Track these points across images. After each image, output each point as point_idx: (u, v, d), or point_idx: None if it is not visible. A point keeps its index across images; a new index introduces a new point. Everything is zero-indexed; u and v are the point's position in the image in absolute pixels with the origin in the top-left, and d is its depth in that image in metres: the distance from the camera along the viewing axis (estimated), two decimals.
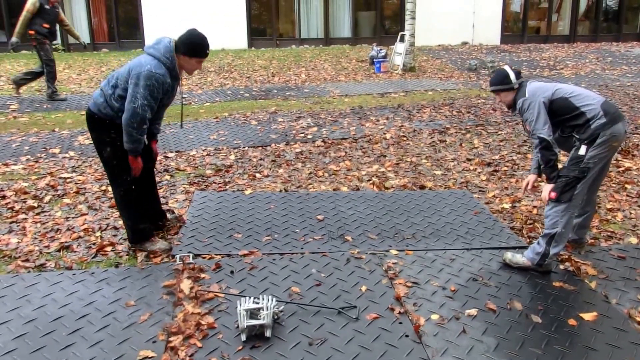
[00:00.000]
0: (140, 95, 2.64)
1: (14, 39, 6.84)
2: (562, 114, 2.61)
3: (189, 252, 2.92)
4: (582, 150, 2.55)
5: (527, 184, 2.86)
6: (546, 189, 2.67)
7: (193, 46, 2.73)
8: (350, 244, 3.07)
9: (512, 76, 2.69)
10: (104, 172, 4.43)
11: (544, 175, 2.75)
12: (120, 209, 3.02)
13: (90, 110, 2.84)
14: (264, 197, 3.79)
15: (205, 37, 2.79)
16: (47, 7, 6.81)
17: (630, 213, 3.54)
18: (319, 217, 3.43)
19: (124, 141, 2.74)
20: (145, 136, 2.80)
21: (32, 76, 7.29)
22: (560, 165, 2.68)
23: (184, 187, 4.08)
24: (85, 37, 13.02)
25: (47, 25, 6.82)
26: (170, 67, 2.73)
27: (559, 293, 2.54)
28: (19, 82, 7.32)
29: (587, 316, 2.35)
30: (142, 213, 3.05)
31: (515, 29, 14.08)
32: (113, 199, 3.78)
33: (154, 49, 2.74)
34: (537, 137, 2.57)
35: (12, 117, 6.46)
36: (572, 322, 2.31)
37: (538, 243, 2.70)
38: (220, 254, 2.95)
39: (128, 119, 2.67)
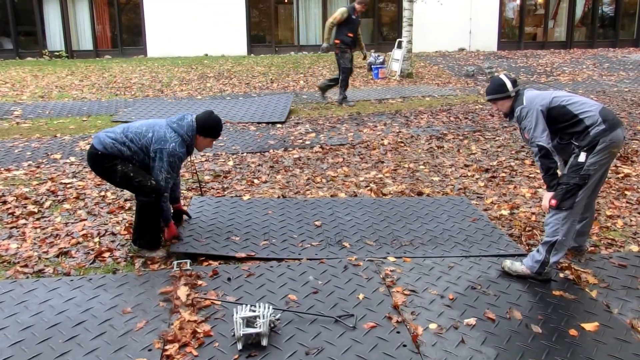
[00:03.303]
0: (164, 169, 2.90)
1: (324, 45, 7.13)
2: (561, 121, 2.60)
3: (186, 260, 2.91)
4: (582, 157, 2.54)
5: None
6: (546, 197, 2.66)
7: (210, 129, 3.01)
8: (348, 250, 3.06)
9: (509, 84, 2.69)
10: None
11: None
12: (140, 216, 2.99)
13: (94, 148, 2.92)
14: (261, 203, 3.78)
15: (220, 120, 3.06)
16: (354, 17, 6.98)
17: (631, 220, 3.53)
18: (316, 222, 3.42)
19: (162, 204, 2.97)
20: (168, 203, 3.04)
21: (335, 82, 7.51)
22: (559, 173, 2.67)
23: (182, 193, 4.07)
24: (88, 44, 13.11)
25: (351, 35, 7.01)
26: (189, 144, 2.99)
27: (559, 302, 2.53)
28: (324, 88, 7.58)
29: (589, 326, 2.32)
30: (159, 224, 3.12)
31: (512, 35, 14.15)
32: (112, 204, 3.76)
33: (178, 125, 2.95)
34: (536, 145, 2.57)
35: (15, 123, 6.47)
36: (573, 332, 2.29)
37: (537, 251, 2.68)
38: (217, 254, 2.94)
39: (160, 186, 2.90)
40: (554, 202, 2.59)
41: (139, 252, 3.02)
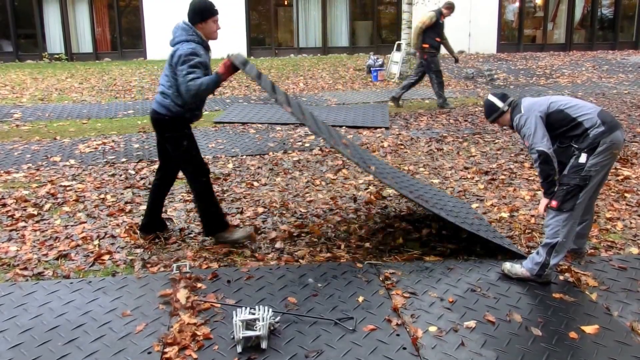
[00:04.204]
0: (184, 71, 2.78)
1: (412, 50, 7.12)
2: (560, 125, 2.62)
3: (185, 263, 2.91)
4: (583, 158, 2.55)
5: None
6: (543, 202, 2.67)
7: (201, 10, 2.88)
8: (374, 172, 2.95)
9: (497, 101, 2.77)
10: (103, 180, 4.44)
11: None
12: (202, 201, 3.08)
13: (157, 114, 2.97)
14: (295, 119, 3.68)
15: None
16: (440, 21, 7.02)
17: (631, 222, 3.53)
18: (344, 141, 3.28)
19: (197, 92, 2.80)
20: (207, 88, 2.80)
21: (407, 88, 7.42)
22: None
23: (182, 196, 4.08)
24: (88, 47, 13.12)
25: (438, 39, 7.04)
26: (198, 41, 2.88)
27: (559, 305, 2.52)
28: (397, 98, 7.42)
29: (589, 329, 2.32)
30: (217, 204, 3.15)
31: (512, 37, 14.18)
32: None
33: (176, 37, 2.90)
34: (536, 151, 2.58)
35: (15, 126, 6.49)
36: (573, 335, 2.28)
37: (537, 253, 2.68)
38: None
39: (189, 97, 2.80)
40: (554, 203, 2.59)
41: (221, 239, 3.10)
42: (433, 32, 6.98)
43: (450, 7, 7.08)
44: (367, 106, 7.41)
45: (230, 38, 12.97)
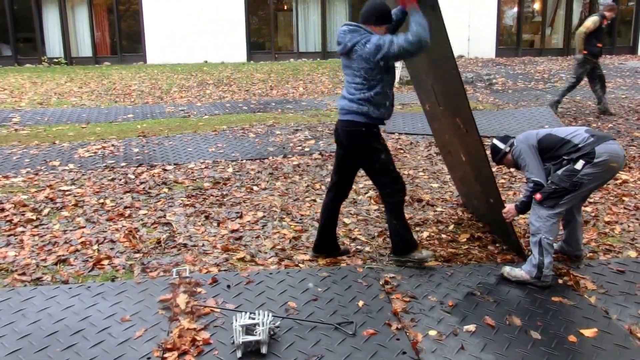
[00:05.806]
0: (390, 43, 2.58)
1: (579, 56, 6.74)
2: (552, 147, 2.73)
3: (185, 267, 2.90)
4: (579, 165, 2.62)
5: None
6: (509, 206, 2.83)
7: (382, 14, 2.70)
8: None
9: (499, 143, 2.92)
10: (103, 185, 4.43)
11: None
12: (397, 218, 2.87)
13: (344, 126, 2.78)
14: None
15: (384, 2, 2.75)
16: (603, 26, 6.71)
17: (629, 226, 3.54)
18: None
19: (420, 34, 2.54)
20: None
21: (568, 91, 7.09)
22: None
23: (181, 200, 4.08)
24: (87, 51, 13.14)
25: (600, 45, 6.71)
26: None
27: (559, 308, 2.53)
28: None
29: (588, 332, 2.33)
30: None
31: (510, 42, 14.25)
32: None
33: (350, 40, 2.67)
34: (532, 181, 2.71)
35: (14, 130, 6.49)
36: (572, 338, 2.29)
37: (532, 255, 2.72)
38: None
39: (410, 44, 2.55)
40: (538, 196, 2.69)
41: (408, 256, 2.89)
42: (595, 38, 6.64)
43: (613, 9, 6.73)
44: (523, 111, 7.09)
45: (230, 43, 13.02)
